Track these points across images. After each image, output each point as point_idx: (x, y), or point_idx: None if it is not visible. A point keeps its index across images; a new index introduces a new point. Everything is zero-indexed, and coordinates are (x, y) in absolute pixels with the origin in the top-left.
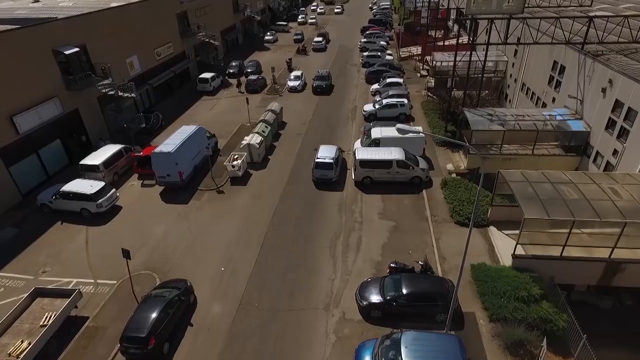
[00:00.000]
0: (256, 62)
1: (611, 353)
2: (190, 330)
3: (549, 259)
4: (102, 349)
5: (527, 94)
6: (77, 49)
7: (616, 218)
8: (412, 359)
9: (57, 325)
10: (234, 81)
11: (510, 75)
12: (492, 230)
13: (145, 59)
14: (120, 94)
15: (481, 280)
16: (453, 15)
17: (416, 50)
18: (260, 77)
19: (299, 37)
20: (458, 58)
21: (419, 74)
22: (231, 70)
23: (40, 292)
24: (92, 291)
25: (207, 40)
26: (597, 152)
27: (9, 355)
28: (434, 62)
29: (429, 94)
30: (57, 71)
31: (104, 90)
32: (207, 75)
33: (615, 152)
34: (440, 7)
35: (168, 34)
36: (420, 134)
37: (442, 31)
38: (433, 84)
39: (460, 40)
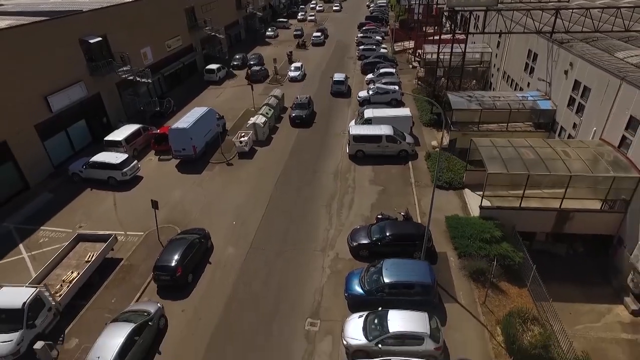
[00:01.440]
0: (259, 55)
1: (559, 287)
2: (209, 267)
3: (510, 210)
4: (137, 280)
5: (507, 81)
6: (99, 39)
7: (564, 172)
8: (390, 277)
9: (98, 262)
10: (238, 72)
11: (494, 65)
12: (467, 191)
13: (157, 50)
14: (137, 79)
15: (453, 227)
16: (446, 12)
17: (409, 44)
18: (263, 68)
19: (299, 32)
20: (447, 50)
21: (410, 66)
22: (235, 63)
23: (82, 237)
24: (123, 240)
25: (213, 34)
26: (561, 127)
27: (63, 281)
28: (424, 54)
29: (419, 82)
30: (83, 58)
31: (123, 76)
32: (213, 66)
33: (574, 126)
34: (435, 5)
35: (177, 27)
36: (397, 89)
37: (436, 27)
38: (423, 73)
39: (448, 36)
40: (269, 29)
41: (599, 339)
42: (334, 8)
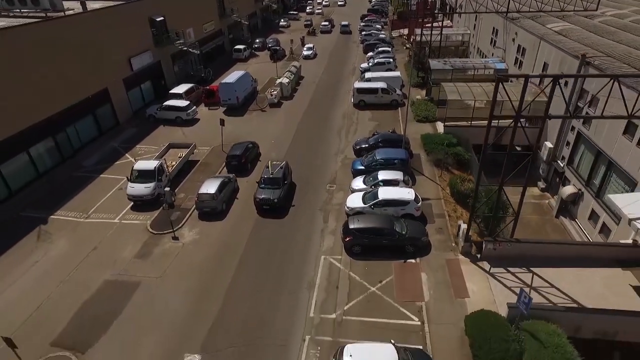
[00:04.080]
0: (276, 39)
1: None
2: (259, 163)
3: (464, 127)
4: (214, 168)
5: (480, 54)
6: (162, 18)
7: (499, 99)
8: (381, 156)
9: (186, 159)
10: (259, 53)
11: (472, 44)
12: (438, 123)
13: (197, 31)
14: (190, 50)
15: (424, 138)
16: (438, 5)
17: (404, 31)
18: (281, 49)
19: (309, 22)
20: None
21: (405, 47)
22: (256, 45)
23: (172, 145)
24: (197, 151)
25: (239, 20)
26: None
27: (168, 165)
28: (415, 36)
29: (410, 56)
30: (150, 32)
31: (179, 47)
32: (240, 46)
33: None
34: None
35: (211, 14)
36: (392, 60)
37: (429, 18)
38: (414, 50)
39: (436, 24)
40: (282, 20)
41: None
42: (339, 3)
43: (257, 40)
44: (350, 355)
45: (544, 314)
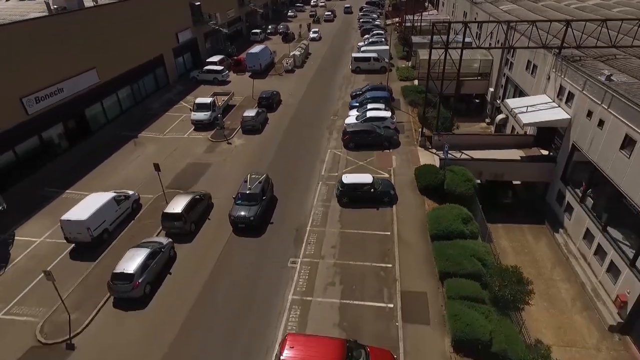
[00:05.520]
0: (286, 26)
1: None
2: (281, 107)
3: (433, 80)
4: (248, 107)
5: (454, 32)
6: (199, 3)
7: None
8: (369, 95)
9: (227, 102)
10: (272, 37)
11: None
12: (415, 81)
13: (222, 15)
14: (220, 29)
15: (403, 89)
16: None
17: (397, 20)
18: (291, 32)
19: (314, 12)
20: (416, 18)
21: (396, 32)
22: (269, 30)
23: (216, 94)
24: (234, 99)
25: (255, 8)
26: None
27: (214, 104)
28: (404, 22)
29: (398, 38)
30: (190, 14)
31: (213, 26)
32: (257, 30)
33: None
34: None
35: (232, 3)
36: (384, 40)
37: (421, 9)
38: (403, 33)
39: (426, 13)
40: (290, 11)
41: (466, 130)
42: None
43: (270, 27)
44: (345, 177)
45: (459, 163)
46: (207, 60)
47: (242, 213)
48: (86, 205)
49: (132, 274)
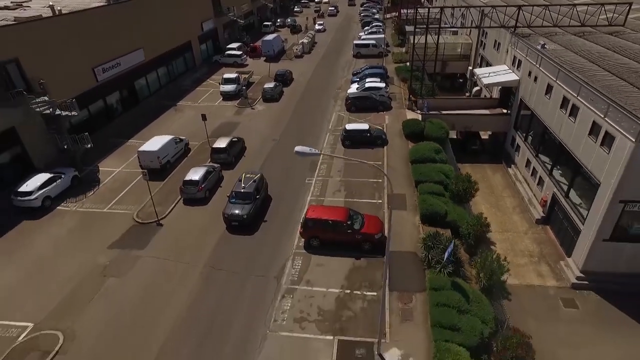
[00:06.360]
0: (294, 19)
1: (443, 92)
2: (293, 83)
3: (418, 55)
4: (266, 82)
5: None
6: None
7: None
8: (367, 71)
9: (249, 79)
10: (281, 30)
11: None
12: (407, 63)
13: (238, 9)
14: (238, 20)
15: (397, 69)
16: None
17: (395, 14)
18: (298, 25)
19: (318, 8)
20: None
21: (393, 24)
22: (278, 23)
23: (239, 72)
24: (253, 77)
25: (265, 2)
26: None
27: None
28: (400, 15)
29: (395, 30)
30: (212, 8)
31: (232, 17)
32: (267, 23)
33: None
34: None
35: None
36: (382, 30)
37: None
38: (398, 25)
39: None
40: (296, 7)
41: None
42: None
43: (279, 20)
44: (348, 125)
45: (437, 117)
46: (228, 46)
47: (236, 211)
48: (154, 142)
49: (198, 181)
